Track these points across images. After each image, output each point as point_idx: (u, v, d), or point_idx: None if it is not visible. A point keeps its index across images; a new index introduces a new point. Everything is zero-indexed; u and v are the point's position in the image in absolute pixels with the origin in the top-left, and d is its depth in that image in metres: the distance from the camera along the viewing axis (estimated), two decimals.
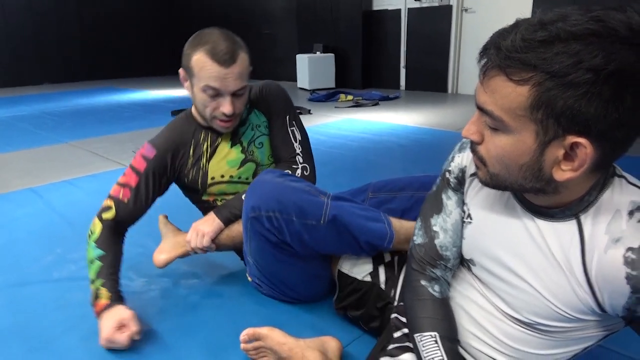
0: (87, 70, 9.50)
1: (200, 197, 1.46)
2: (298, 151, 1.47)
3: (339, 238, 1.09)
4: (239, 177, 1.42)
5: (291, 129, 1.48)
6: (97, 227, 1.32)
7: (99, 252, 1.28)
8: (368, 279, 1.14)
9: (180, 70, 1.32)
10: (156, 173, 1.36)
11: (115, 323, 1.16)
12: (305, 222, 1.06)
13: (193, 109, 1.42)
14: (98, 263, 1.26)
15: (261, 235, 1.15)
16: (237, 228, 1.36)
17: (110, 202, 1.34)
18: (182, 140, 1.39)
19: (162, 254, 1.39)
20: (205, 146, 1.40)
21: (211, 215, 1.37)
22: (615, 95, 0.54)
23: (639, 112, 0.55)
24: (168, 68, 10.65)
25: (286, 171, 1.24)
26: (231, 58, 1.22)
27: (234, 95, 1.28)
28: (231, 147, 1.41)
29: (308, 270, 1.23)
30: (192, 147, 1.40)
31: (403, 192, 1.37)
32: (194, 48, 1.25)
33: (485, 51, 0.62)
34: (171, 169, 1.39)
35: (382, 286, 1.12)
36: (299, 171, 1.43)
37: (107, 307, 1.19)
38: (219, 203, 1.44)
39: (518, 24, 0.59)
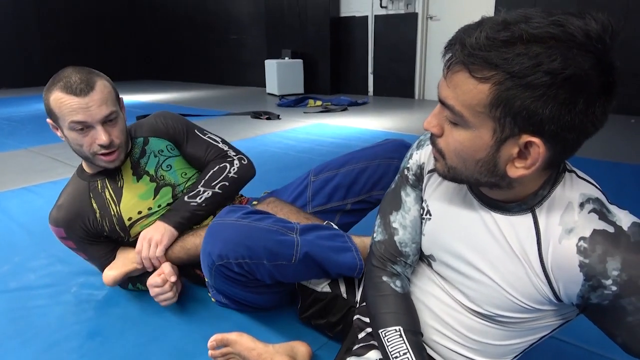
0: (48, 74, 9.15)
1: (127, 242, 1.41)
2: (225, 148, 1.48)
3: (309, 271, 1.08)
4: (159, 206, 1.38)
5: (207, 136, 1.48)
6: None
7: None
8: (327, 289, 1.14)
9: (48, 120, 1.26)
10: (85, 240, 1.37)
11: (157, 271, 1.29)
12: (276, 263, 1.03)
13: (82, 162, 1.39)
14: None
15: (229, 277, 1.12)
16: (192, 240, 1.33)
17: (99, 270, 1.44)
18: (80, 204, 1.34)
19: (111, 270, 1.35)
20: (107, 193, 1.35)
21: (159, 224, 1.33)
22: (569, 99, 0.56)
23: (589, 116, 0.58)
24: (132, 72, 10.46)
25: (246, 206, 1.19)
26: (87, 86, 1.18)
27: (105, 123, 1.23)
28: (137, 181, 1.37)
29: (274, 291, 1.21)
30: (93, 203, 1.34)
31: (343, 168, 1.42)
32: (49, 90, 1.21)
33: (450, 46, 0.63)
34: (91, 231, 1.36)
35: (344, 295, 1.12)
36: (236, 161, 1.44)
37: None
38: None
39: (483, 21, 0.61)
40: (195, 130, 1.47)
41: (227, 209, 1.13)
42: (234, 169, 1.43)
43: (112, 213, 1.35)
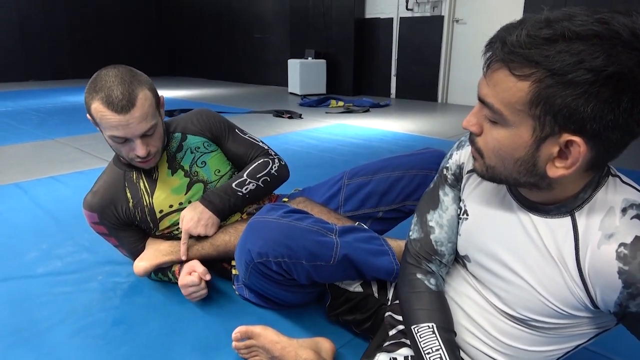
0: (75, 68, 9.39)
1: (154, 234, 1.43)
2: (266, 147, 1.50)
3: (346, 273, 1.08)
4: (189, 202, 1.38)
5: (247, 135, 1.50)
6: None
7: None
8: (359, 289, 1.13)
9: (88, 115, 1.26)
10: (117, 226, 1.39)
11: (186, 269, 1.31)
12: (315, 264, 1.03)
13: None
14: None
15: (266, 275, 1.12)
16: (222, 237, 1.34)
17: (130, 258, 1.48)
18: (115, 191, 1.36)
19: (142, 261, 1.36)
20: (142, 184, 1.37)
21: (205, 211, 1.33)
22: (613, 97, 0.55)
23: (634, 115, 0.56)
24: (158, 68, 10.61)
25: (286, 204, 1.19)
26: (129, 103, 1.16)
27: (144, 136, 1.24)
28: (172, 174, 1.38)
29: (306, 290, 1.21)
30: (127, 192, 1.37)
31: (378, 174, 1.39)
32: (91, 96, 1.18)
33: (490, 45, 0.63)
34: (122, 219, 1.38)
35: (376, 295, 1.12)
36: (277, 160, 1.45)
37: (180, 268, 1.35)
38: (175, 233, 1.41)
39: (525, 20, 0.60)
40: (236, 130, 1.49)
41: (268, 207, 1.14)
42: (275, 167, 1.44)
43: (145, 204, 1.37)
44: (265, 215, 1.09)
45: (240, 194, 1.36)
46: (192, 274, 1.28)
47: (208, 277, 1.28)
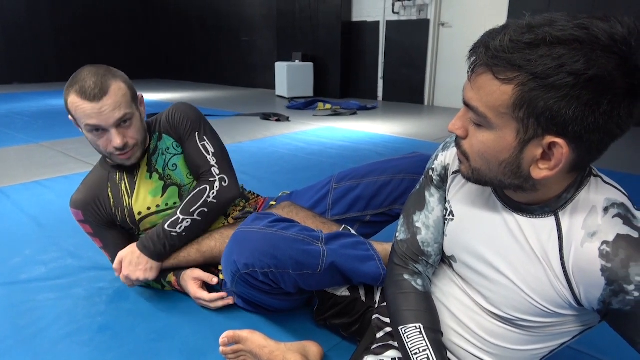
0: (60, 71, 9.28)
1: (137, 235, 1.44)
2: (212, 163, 1.38)
3: (333, 280, 1.08)
4: (166, 204, 1.39)
5: (202, 143, 1.40)
6: None
7: None
8: (346, 293, 1.14)
9: (69, 116, 1.27)
10: (101, 224, 1.40)
11: (193, 283, 1.35)
12: (302, 273, 1.03)
13: None
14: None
15: (253, 285, 1.12)
16: (208, 243, 1.34)
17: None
18: (98, 190, 1.38)
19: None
20: (123, 185, 1.38)
21: (141, 256, 1.31)
22: (593, 100, 0.56)
23: (614, 118, 0.58)
24: (144, 71, 10.53)
25: (270, 213, 1.16)
26: (100, 91, 1.19)
27: (120, 126, 1.24)
28: (149, 177, 1.39)
29: (293, 297, 1.21)
30: (109, 192, 1.38)
31: (366, 178, 1.39)
32: (67, 91, 1.22)
33: (474, 49, 0.64)
34: (104, 217, 1.39)
35: (363, 299, 1.13)
36: (216, 184, 1.35)
37: (177, 277, 1.38)
38: None
39: (508, 25, 0.61)
40: (197, 133, 1.39)
41: (253, 217, 1.13)
42: (213, 193, 1.34)
43: (125, 205, 1.37)
44: (250, 226, 1.08)
45: (175, 234, 1.31)
46: (203, 290, 1.33)
47: (215, 280, 1.34)
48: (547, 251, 0.69)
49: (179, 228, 1.31)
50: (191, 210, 1.32)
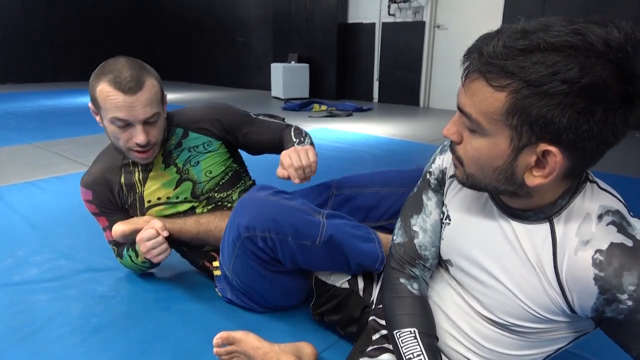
0: (54, 71, 9.22)
1: None
2: (286, 122, 1.47)
3: (331, 258, 1.08)
4: (177, 197, 1.38)
5: (260, 117, 1.48)
6: (118, 255, 1.48)
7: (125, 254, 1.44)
8: (346, 285, 1.14)
9: (89, 104, 1.25)
10: (108, 206, 1.40)
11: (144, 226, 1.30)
12: (301, 243, 1.03)
13: None
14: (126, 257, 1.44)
15: (252, 253, 1.11)
16: (207, 217, 1.35)
17: (112, 246, 1.49)
18: (111, 173, 1.38)
19: (122, 225, 1.34)
20: (136, 174, 1.38)
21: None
22: (587, 108, 0.55)
23: (609, 126, 0.57)
24: None
25: (274, 186, 1.17)
26: (136, 85, 1.17)
27: (146, 123, 1.22)
28: (165, 169, 1.38)
29: (290, 284, 1.22)
30: (122, 178, 1.38)
31: (367, 188, 1.38)
32: (98, 78, 1.19)
33: (468, 55, 0.63)
34: (115, 201, 1.39)
35: (360, 293, 1.12)
36: (305, 134, 1.40)
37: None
38: None
39: (502, 30, 0.60)
40: (248, 115, 1.47)
41: (259, 187, 1.16)
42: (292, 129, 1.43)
43: (136, 191, 1.38)
44: (255, 193, 1.11)
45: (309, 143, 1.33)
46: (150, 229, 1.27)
47: (166, 233, 1.28)
48: (541, 258, 0.69)
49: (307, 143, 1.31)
50: (301, 139, 1.34)
